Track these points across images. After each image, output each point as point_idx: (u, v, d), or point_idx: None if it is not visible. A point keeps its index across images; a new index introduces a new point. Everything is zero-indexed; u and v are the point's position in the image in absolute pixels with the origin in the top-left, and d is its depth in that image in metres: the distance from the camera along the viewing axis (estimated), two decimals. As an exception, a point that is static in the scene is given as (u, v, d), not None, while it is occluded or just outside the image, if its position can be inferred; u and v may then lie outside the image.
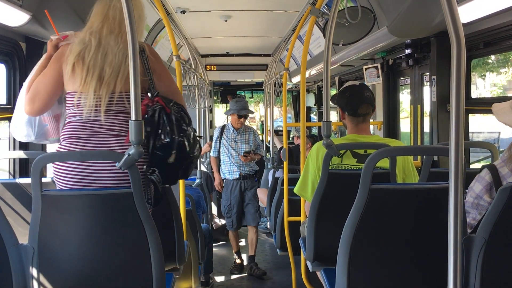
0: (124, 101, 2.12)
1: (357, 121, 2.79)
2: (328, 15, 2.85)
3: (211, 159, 6.21)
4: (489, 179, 1.97)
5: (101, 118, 2.08)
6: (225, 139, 5.97)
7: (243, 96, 11.05)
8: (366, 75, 4.94)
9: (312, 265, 2.64)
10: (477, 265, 1.64)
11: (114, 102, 2.11)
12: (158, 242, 1.93)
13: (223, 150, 5.96)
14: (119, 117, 2.12)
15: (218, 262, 6.03)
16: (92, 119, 2.10)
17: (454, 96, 1.44)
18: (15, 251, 1.83)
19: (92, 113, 2.09)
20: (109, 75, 2.09)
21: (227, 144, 5.96)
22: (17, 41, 3.13)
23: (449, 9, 1.41)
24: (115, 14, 2.18)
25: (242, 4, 4.86)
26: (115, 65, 2.10)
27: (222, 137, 5.99)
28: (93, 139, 2.09)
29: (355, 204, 1.91)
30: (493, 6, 2.58)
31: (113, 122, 2.10)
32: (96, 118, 2.09)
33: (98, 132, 2.09)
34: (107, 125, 2.09)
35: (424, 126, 4.41)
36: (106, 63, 2.10)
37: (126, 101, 2.12)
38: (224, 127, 6.04)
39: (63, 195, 1.91)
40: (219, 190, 6.10)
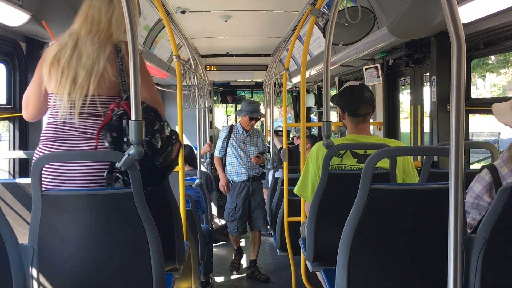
0: (97, 104, 2.09)
1: (357, 121, 2.79)
2: (328, 15, 2.85)
3: (215, 159, 5.93)
4: (489, 179, 1.97)
5: (75, 121, 2.07)
6: (233, 140, 5.78)
7: (243, 96, 11.08)
8: (366, 75, 4.94)
9: (312, 265, 2.64)
10: (477, 265, 1.64)
11: (87, 105, 2.08)
12: (158, 242, 1.93)
13: (231, 151, 5.79)
14: (92, 120, 2.09)
15: (218, 262, 6.03)
16: (67, 122, 2.09)
17: (454, 96, 1.44)
18: (15, 251, 1.83)
19: (67, 116, 2.08)
20: (83, 77, 2.07)
21: (236, 145, 5.78)
22: (17, 41, 3.13)
23: (450, 9, 1.41)
24: (93, 14, 2.16)
25: (242, 4, 4.86)
26: (89, 67, 2.07)
27: (231, 138, 5.80)
28: (66, 142, 2.08)
29: (355, 204, 1.91)
30: (493, 7, 2.58)
31: (86, 125, 2.08)
32: (71, 121, 2.08)
33: (72, 135, 2.08)
34: (80, 128, 2.07)
35: (424, 127, 4.41)
36: (80, 65, 2.08)
37: (99, 105, 2.09)
38: (233, 127, 5.87)
39: (63, 195, 1.91)
40: (224, 192, 5.89)
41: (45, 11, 2.79)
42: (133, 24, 1.74)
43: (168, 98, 8.59)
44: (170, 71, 6.48)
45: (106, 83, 2.09)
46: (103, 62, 2.08)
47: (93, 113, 2.09)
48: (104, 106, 2.09)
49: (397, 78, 4.98)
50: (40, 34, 3.09)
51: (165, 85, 8.08)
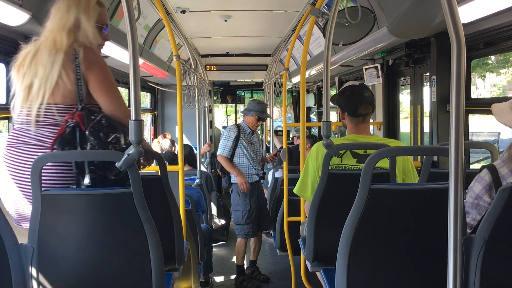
0: (54, 112, 2.08)
1: (357, 121, 2.79)
2: (328, 15, 2.85)
3: (222, 159, 5.46)
4: (488, 180, 1.97)
5: (31, 128, 2.07)
6: (243, 140, 5.51)
7: (243, 96, 11.08)
8: (366, 75, 4.94)
9: (311, 265, 2.64)
10: (477, 265, 1.64)
11: (42, 114, 2.07)
12: (158, 242, 1.93)
13: (241, 152, 5.47)
14: (48, 129, 2.08)
15: (218, 262, 6.03)
16: (25, 129, 2.09)
17: (454, 96, 1.44)
18: (15, 250, 1.83)
19: (25, 123, 2.09)
20: (37, 85, 2.06)
21: (246, 145, 5.49)
22: (17, 40, 3.13)
23: (449, 9, 1.41)
24: (54, 20, 2.15)
25: (242, 4, 4.86)
26: (43, 75, 2.06)
27: (240, 138, 5.48)
28: (23, 148, 2.07)
29: (355, 204, 1.91)
30: (493, 7, 2.58)
31: (42, 134, 2.07)
32: (28, 128, 2.08)
33: (28, 143, 2.08)
34: (36, 136, 2.07)
35: (424, 127, 4.41)
36: (36, 73, 2.07)
37: (55, 113, 2.08)
38: (240, 127, 5.55)
39: (63, 194, 1.91)
40: (244, 190, 5.35)
41: (45, 10, 2.78)
42: (133, 24, 1.73)
43: (168, 98, 8.60)
44: (170, 70, 6.48)
45: (61, 91, 2.07)
46: (57, 70, 2.06)
47: (49, 122, 2.08)
48: (61, 115, 2.07)
49: (397, 78, 4.98)
50: (39, 34, 3.08)
51: (165, 84, 8.08)
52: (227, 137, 5.49)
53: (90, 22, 2.15)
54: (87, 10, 2.15)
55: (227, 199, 8.41)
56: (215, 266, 5.60)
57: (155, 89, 8.24)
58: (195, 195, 4.53)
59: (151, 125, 8.36)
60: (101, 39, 2.26)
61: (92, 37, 2.15)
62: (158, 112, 8.53)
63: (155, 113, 8.42)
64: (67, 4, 2.14)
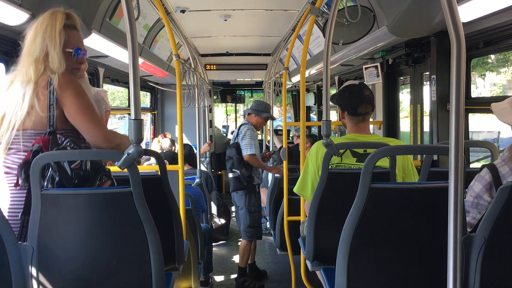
0: (23, 139, 2.06)
1: (356, 120, 2.79)
2: (327, 14, 2.86)
3: (253, 158, 5.21)
4: (489, 179, 1.97)
5: (2, 156, 2.07)
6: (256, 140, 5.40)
7: (243, 95, 11.08)
8: (366, 74, 4.94)
9: (311, 264, 2.64)
10: (477, 264, 1.64)
11: (12, 140, 2.06)
12: (158, 241, 1.93)
13: (257, 152, 5.33)
14: (16, 155, 2.07)
15: (218, 261, 6.03)
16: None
17: (454, 95, 1.44)
18: (15, 250, 1.83)
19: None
20: (9, 117, 2.05)
21: (257, 144, 5.41)
22: (16, 40, 3.13)
23: (449, 8, 1.41)
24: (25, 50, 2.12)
25: (242, 4, 4.86)
26: (15, 108, 2.04)
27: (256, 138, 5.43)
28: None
29: (355, 203, 1.91)
30: (493, 6, 2.58)
31: (11, 161, 2.06)
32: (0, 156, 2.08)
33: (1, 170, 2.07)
34: (5, 163, 2.06)
35: (424, 126, 4.41)
36: (9, 104, 2.06)
37: (25, 139, 2.06)
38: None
39: (63, 194, 1.91)
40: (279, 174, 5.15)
41: (45, 10, 2.78)
42: (133, 24, 1.73)
43: (168, 97, 8.59)
44: (170, 70, 6.48)
45: (32, 118, 2.05)
46: (27, 102, 2.04)
47: (18, 148, 2.07)
48: (30, 141, 2.06)
49: (397, 77, 4.98)
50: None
51: (165, 84, 8.08)
52: (252, 136, 5.31)
53: (56, 49, 2.10)
54: (52, 36, 2.10)
55: (227, 199, 8.43)
56: (215, 266, 5.61)
57: (155, 89, 8.24)
58: (195, 194, 4.54)
59: (151, 125, 8.36)
60: (74, 63, 2.20)
61: (58, 64, 2.09)
62: (158, 112, 8.53)
63: (155, 112, 8.42)
64: (34, 32, 2.12)
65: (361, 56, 4.84)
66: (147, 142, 7.92)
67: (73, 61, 2.19)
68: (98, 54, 4.10)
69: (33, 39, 2.11)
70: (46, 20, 2.13)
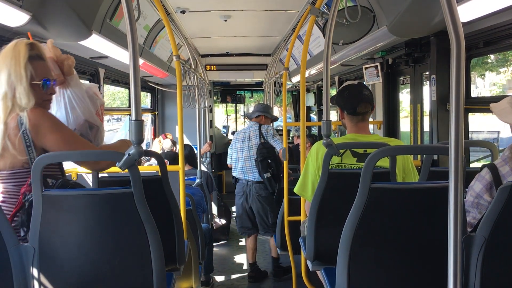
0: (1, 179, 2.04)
1: (356, 120, 2.79)
2: (327, 14, 2.86)
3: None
4: (489, 178, 1.97)
5: None
6: None
7: (243, 95, 11.09)
8: (366, 74, 4.94)
9: (312, 264, 2.65)
10: (477, 263, 1.65)
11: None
12: (159, 241, 1.93)
13: None
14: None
15: (219, 262, 6.04)
16: None
17: (454, 95, 1.44)
18: (16, 251, 1.84)
19: None
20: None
21: None
22: (17, 41, 3.13)
23: (449, 8, 1.41)
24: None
25: (242, 4, 4.86)
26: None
27: None
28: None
29: (355, 203, 1.91)
30: (492, 5, 2.58)
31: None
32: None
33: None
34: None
35: (424, 125, 4.41)
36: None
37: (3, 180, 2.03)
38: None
39: (64, 195, 1.91)
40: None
41: (45, 11, 2.79)
42: (133, 24, 1.74)
43: (168, 97, 8.60)
44: (170, 71, 6.48)
45: (9, 160, 2.00)
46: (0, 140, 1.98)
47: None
48: (6, 181, 2.03)
49: (397, 77, 4.98)
50: (40, 34, 3.09)
51: (165, 84, 8.08)
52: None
53: (23, 84, 1.99)
54: (17, 71, 2.00)
55: (227, 199, 8.43)
56: (215, 266, 5.61)
57: (155, 89, 8.24)
58: (196, 195, 4.54)
59: (151, 125, 8.37)
60: (44, 95, 2.11)
61: (26, 100, 1.99)
62: (158, 112, 8.53)
63: (155, 113, 8.42)
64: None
65: (361, 56, 4.84)
66: (147, 143, 7.92)
67: (43, 93, 2.09)
68: (98, 55, 4.10)
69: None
70: (9, 53, 2.03)
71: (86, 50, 3.68)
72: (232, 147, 5.73)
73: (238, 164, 5.60)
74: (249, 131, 5.62)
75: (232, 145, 5.77)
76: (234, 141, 5.72)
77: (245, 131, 5.67)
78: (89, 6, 3.13)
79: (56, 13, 2.84)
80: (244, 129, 5.79)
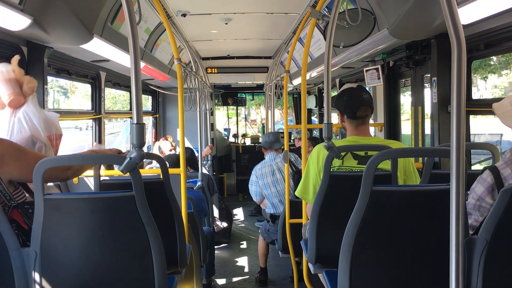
0: None
1: (356, 124, 2.79)
2: (328, 17, 2.86)
3: None
4: (491, 181, 1.97)
5: None
6: None
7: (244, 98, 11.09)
8: (367, 76, 4.94)
9: (314, 267, 2.64)
10: (479, 266, 1.64)
11: None
12: (160, 245, 1.93)
13: None
14: None
15: (220, 264, 6.03)
16: None
17: (455, 97, 1.44)
18: (18, 254, 1.84)
19: None
20: None
21: None
22: (19, 45, 3.14)
23: (449, 11, 1.41)
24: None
25: (243, 7, 4.87)
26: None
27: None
28: None
29: (357, 206, 1.91)
30: (493, 8, 2.58)
31: None
32: None
33: None
34: None
35: (425, 128, 4.41)
36: None
37: None
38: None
39: (65, 198, 1.92)
40: None
41: (47, 15, 2.80)
42: (133, 24, 1.74)
43: (169, 100, 8.61)
44: (171, 73, 6.49)
45: None
46: None
47: None
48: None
49: (398, 79, 4.98)
50: (41, 38, 3.10)
51: (166, 87, 8.09)
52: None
53: None
54: None
55: (229, 202, 8.43)
56: (217, 269, 5.60)
57: (156, 92, 8.26)
58: (197, 197, 4.54)
59: (152, 128, 8.38)
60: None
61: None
62: (159, 115, 8.54)
63: (157, 116, 8.43)
64: None
65: (362, 59, 4.84)
66: (148, 146, 7.93)
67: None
68: (99, 58, 4.11)
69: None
70: None
71: (88, 53, 3.69)
72: (258, 184, 5.35)
73: (274, 200, 5.26)
74: (275, 163, 5.36)
75: (255, 182, 5.40)
76: (260, 177, 5.35)
77: (270, 164, 5.37)
78: (90, 10, 3.14)
79: (58, 17, 2.85)
80: (265, 162, 5.44)
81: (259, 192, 5.40)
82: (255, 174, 5.39)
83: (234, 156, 10.53)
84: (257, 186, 5.37)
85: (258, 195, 5.42)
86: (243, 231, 7.66)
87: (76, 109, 7.72)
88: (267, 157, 5.43)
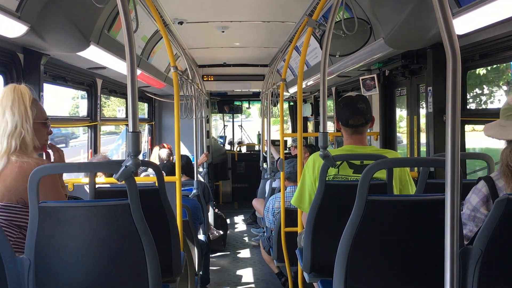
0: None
1: (350, 132, 2.80)
2: (325, 26, 2.87)
3: None
4: (485, 191, 1.97)
5: None
6: None
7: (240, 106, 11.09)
8: (363, 85, 4.96)
9: (309, 276, 2.63)
10: (474, 276, 1.65)
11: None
12: (155, 253, 1.92)
13: None
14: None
15: (215, 273, 6.00)
16: None
17: (450, 107, 1.45)
18: (12, 263, 1.83)
19: None
20: None
21: None
22: (15, 52, 3.14)
23: (444, 21, 1.42)
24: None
25: (239, 15, 4.89)
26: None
27: None
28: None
29: (352, 215, 1.91)
30: (488, 18, 2.60)
31: None
32: None
33: None
34: None
35: (421, 137, 4.42)
36: None
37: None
38: None
39: (60, 206, 1.91)
40: None
41: (44, 22, 2.80)
42: (129, 24, 1.74)
43: (165, 108, 8.61)
44: (167, 81, 6.50)
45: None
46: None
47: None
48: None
49: (394, 88, 5.00)
50: (38, 45, 3.10)
51: (162, 95, 8.09)
52: None
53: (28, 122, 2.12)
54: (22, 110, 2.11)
55: (224, 210, 8.41)
56: (212, 277, 5.58)
57: (152, 99, 8.26)
58: (192, 206, 4.52)
59: (148, 135, 8.37)
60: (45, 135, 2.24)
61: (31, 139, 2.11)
62: (155, 122, 8.54)
63: (153, 123, 8.43)
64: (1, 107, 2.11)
65: (358, 68, 4.86)
66: (144, 153, 7.91)
67: (44, 134, 2.22)
68: (96, 66, 4.11)
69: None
70: (11, 96, 2.11)
71: (84, 60, 3.69)
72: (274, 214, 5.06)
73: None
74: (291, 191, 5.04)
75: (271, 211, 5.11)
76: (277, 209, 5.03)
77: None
78: (87, 17, 3.14)
79: (55, 24, 2.86)
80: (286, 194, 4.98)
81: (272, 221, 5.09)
82: (273, 206, 5.08)
83: (230, 164, 10.52)
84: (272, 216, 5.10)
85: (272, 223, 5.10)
86: (239, 239, 7.64)
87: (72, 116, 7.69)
88: (288, 189, 4.95)
